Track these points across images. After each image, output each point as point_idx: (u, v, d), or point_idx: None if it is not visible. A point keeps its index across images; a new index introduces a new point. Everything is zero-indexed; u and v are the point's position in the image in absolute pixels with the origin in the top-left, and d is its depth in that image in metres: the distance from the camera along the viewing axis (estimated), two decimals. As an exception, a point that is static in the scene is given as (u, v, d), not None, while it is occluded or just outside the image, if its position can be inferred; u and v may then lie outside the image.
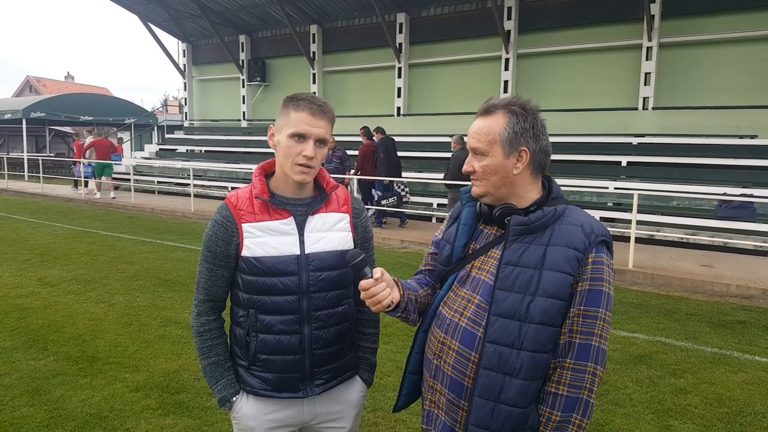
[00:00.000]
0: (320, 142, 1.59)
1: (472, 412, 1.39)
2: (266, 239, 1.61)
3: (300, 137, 1.56)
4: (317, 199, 1.69)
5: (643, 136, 11.64)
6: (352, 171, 10.95)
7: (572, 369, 1.34)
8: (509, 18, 13.36)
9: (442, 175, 10.98)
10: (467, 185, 1.53)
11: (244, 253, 1.61)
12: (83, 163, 15.48)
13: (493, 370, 1.36)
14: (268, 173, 1.72)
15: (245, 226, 1.61)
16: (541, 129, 1.43)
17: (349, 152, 11.61)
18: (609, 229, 1.43)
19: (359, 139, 14.25)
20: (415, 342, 1.60)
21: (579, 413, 1.34)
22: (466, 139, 10.72)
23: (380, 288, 1.43)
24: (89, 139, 16.10)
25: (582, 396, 1.34)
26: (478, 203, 1.52)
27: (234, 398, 1.68)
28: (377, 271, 1.44)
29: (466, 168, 1.48)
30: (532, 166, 1.44)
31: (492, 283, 1.41)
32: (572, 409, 1.34)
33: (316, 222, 1.66)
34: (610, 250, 1.42)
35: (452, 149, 10.10)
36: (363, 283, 1.44)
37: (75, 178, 16.86)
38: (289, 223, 1.63)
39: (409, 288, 1.57)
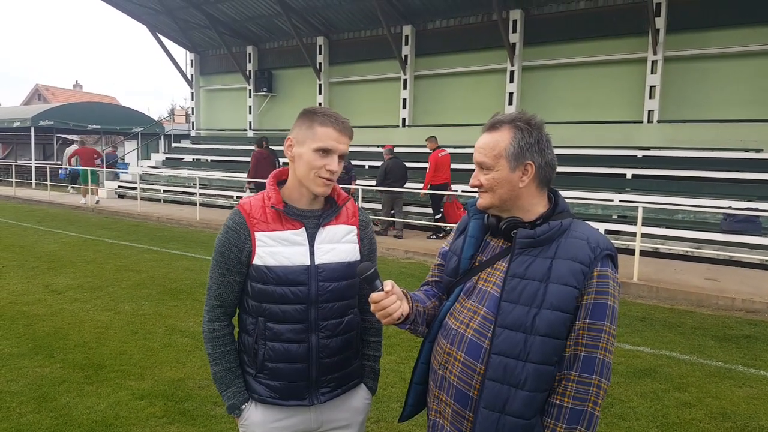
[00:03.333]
0: (341, 157, 1.65)
1: (478, 422, 1.41)
2: (278, 249, 1.64)
3: (326, 152, 1.61)
4: (328, 212, 1.72)
5: (648, 149, 11.64)
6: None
7: (577, 381, 1.36)
8: (514, 31, 13.44)
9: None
10: (396, 191, 1.58)
11: (256, 261, 1.64)
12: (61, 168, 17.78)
13: (498, 381, 1.38)
14: (280, 182, 1.75)
15: (258, 235, 1.64)
16: (546, 143, 1.46)
17: (353, 162, 11.84)
18: (613, 241, 1.45)
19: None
20: (421, 352, 1.61)
21: (583, 425, 1.36)
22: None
23: (391, 301, 1.44)
24: (73, 147, 17.33)
25: (586, 408, 1.36)
26: (486, 216, 1.55)
27: (243, 406, 1.70)
28: (388, 284, 1.45)
29: (472, 182, 1.51)
30: (538, 180, 1.47)
31: (498, 295, 1.43)
32: (576, 421, 1.35)
33: (327, 233, 1.70)
34: (615, 264, 1.44)
35: (384, 159, 10.75)
36: (374, 296, 1.44)
37: (68, 184, 18.24)
38: (300, 234, 1.67)
39: (417, 300, 1.59)
